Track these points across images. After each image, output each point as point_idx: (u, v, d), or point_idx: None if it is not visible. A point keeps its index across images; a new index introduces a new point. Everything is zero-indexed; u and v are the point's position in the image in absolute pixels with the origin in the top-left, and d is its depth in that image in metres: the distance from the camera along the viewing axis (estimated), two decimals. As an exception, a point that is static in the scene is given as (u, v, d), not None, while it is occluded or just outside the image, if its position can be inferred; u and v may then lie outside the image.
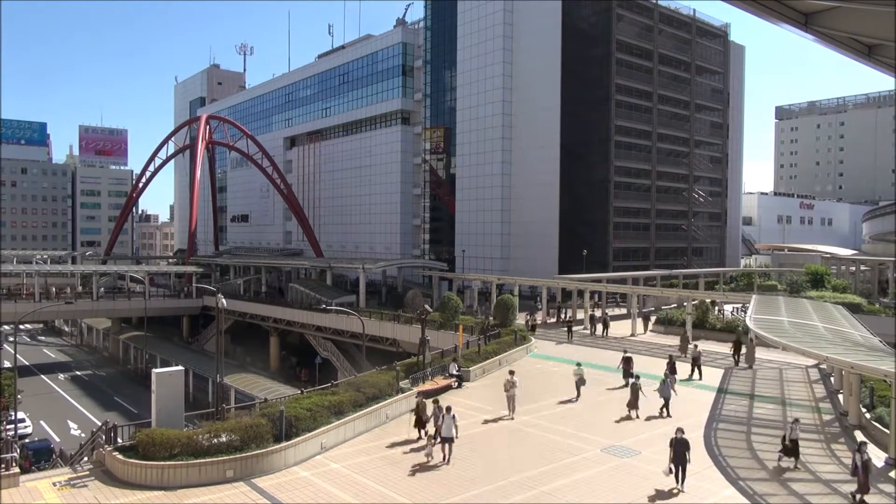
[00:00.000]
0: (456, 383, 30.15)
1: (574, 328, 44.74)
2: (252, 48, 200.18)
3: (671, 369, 29.20)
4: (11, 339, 61.95)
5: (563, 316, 52.41)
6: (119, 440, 20.02)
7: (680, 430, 18.33)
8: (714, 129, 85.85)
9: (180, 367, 23.33)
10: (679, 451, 17.92)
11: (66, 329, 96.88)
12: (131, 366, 69.34)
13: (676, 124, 78.75)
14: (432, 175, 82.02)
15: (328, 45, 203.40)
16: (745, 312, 35.90)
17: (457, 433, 20.45)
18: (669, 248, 78.50)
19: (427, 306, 32.86)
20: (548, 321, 51.72)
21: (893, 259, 65.41)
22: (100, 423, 25.79)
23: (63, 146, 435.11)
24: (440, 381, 29.58)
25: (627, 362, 30.15)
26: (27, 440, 39.17)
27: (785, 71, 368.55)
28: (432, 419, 21.71)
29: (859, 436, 22.30)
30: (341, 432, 22.22)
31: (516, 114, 71.87)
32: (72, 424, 48.19)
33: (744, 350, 34.53)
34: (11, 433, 34.87)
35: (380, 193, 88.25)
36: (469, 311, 54.08)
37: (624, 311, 52.90)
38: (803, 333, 26.20)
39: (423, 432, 22.16)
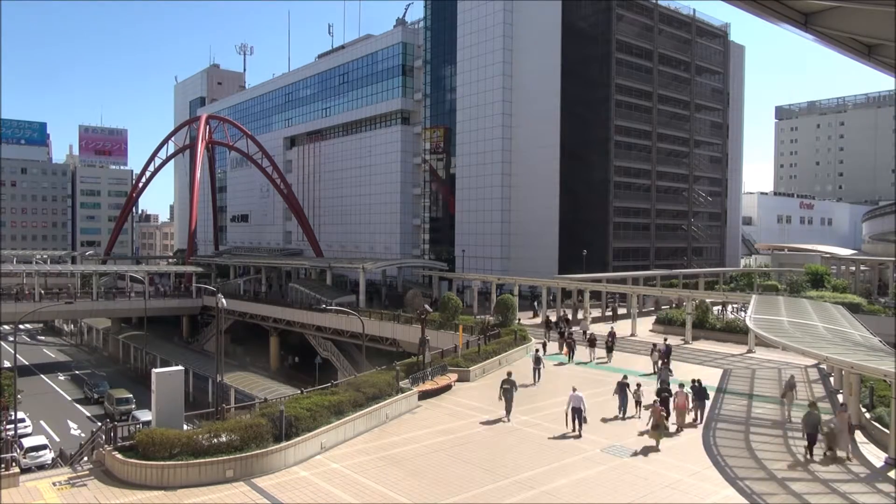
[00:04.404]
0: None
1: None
2: (252, 48, 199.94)
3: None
4: (11, 338, 61.93)
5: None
6: (119, 440, 20.01)
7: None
8: (714, 129, 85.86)
9: (180, 367, 23.32)
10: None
11: (66, 329, 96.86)
12: (131, 365, 69.32)
13: (676, 124, 78.76)
14: (432, 175, 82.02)
15: (328, 45, 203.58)
16: (745, 312, 35.92)
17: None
18: (669, 248, 78.51)
19: (427, 306, 32.87)
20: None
21: (893, 259, 65.43)
22: (99, 423, 25.81)
23: (63, 146, 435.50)
24: (440, 381, 29.60)
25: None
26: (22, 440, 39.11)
27: (785, 71, 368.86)
28: None
29: (859, 436, 22.31)
30: (341, 432, 22.22)
31: (516, 114, 71.87)
32: (72, 424, 48.18)
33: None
34: (11, 433, 34.95)
35: (380, 193, 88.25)
36: (468, 311, 54.11)
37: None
38: (803, 333, 26.18)
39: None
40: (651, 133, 74.19)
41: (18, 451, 33.96)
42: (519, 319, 46.74)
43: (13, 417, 36.41)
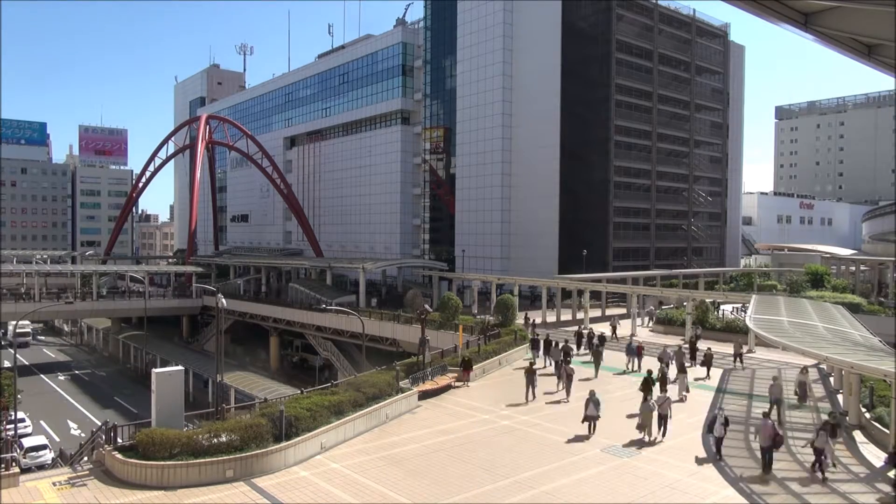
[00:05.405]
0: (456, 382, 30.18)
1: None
2: (252, 48, 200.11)
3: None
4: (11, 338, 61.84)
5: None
6: (119, 440, 20.02)
7: None
8: (714, 129, 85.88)
9: (180, 367, 23.32)
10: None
11: (66, 329, 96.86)
12: (131, 365, 69.34)
13: (676, 124, 78.77)
14: (432, 175, 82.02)
15: (328, 45, 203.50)
16: (745, 312, 35.95)
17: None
18: (669, 248, 78.52)
19: (427, 306, 32.85)
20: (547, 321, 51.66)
21: (893, 259, 65.40)
22: (99, 423, 25.81)
23: (63, 146, 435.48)
24: (440, 381, 29.60)
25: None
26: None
27: (785, 71, 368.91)
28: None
29: (859, 436, 22.32)
30: (341, 432, 22.22)
31: (516, 114, 71.87)
32: (72, 424, 48.19)
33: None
34: (11, 433, 34.94)
35: (380, 193, 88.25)
36: (468, 311, 54.06)
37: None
38: (803, 333, 26.19)
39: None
40: (651, 133, 74.20)
41: (18, 451, 33.96)
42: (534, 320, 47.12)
43: (13, 417, 36.39)
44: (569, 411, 26.27)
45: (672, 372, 29.83)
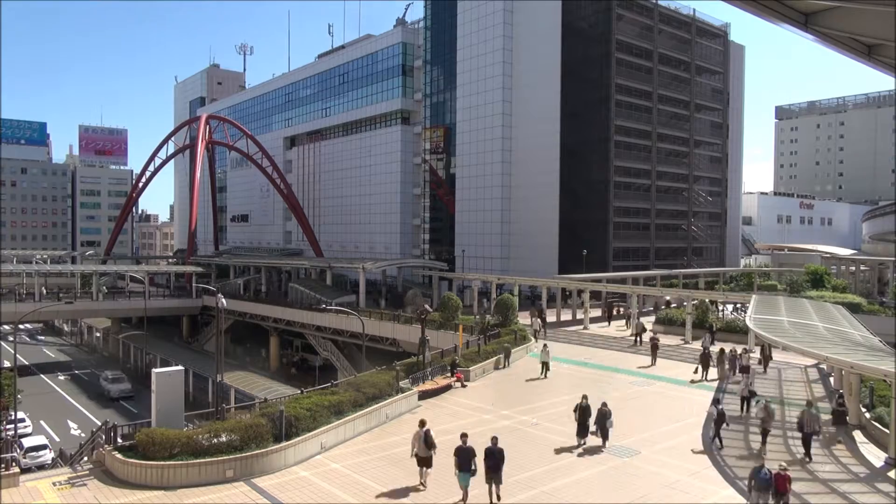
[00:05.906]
0: (457, 383, 30.17)
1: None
2: (252, 48, 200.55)
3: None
4: (11, 338, 61.87)
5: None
6: (119, 440, 20.02)
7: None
8: (714, 129, 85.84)
9: (180, 367, 23.33)
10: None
11: (66, 329, 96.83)
12: (131, 365, 69.31)
13: (676, 124, 78.73)
14: (432, 175, 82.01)
15: (328, 45, 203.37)
16: (745, 312, 35.93)
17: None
18: (669, 248, 78.48)
19: (427, 306, 32.85)
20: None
21: (893, 259, 65.41)
22: (99, 423, 25.81)
23: (63, 146, 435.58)
24: (440, 381, 29.59)
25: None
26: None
27: (785, 71, 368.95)
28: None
29: (859, 436, 22.33)
30: (341, 432, 22.23)
31: (516, 114, 71.86)
32: (72, 424, 48.17)
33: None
34: (11, 433, 34.95)
35: (380, 193, 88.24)
36: (468, 311, 54.01)
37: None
38: (803, 333, 26.18)
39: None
40: (651, 133, 74.16)
41: (18, 451, 33.96)
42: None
43: (13, 417, 36.39)
44: (568, 411, 26.23)
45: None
